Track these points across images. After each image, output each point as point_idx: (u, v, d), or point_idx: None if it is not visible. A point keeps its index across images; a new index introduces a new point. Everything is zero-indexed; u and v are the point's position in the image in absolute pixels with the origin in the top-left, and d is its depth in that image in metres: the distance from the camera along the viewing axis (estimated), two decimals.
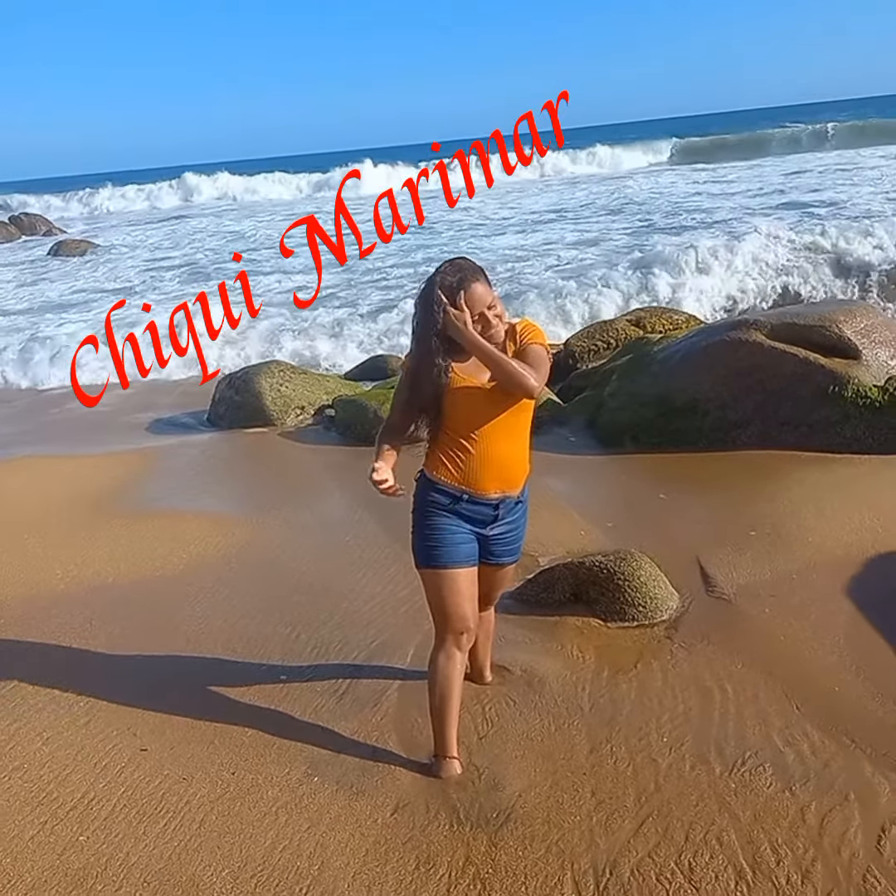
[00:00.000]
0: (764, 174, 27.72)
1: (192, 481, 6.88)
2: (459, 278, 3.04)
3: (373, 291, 13.95)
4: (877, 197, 18.88)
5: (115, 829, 2.92)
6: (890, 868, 2.61)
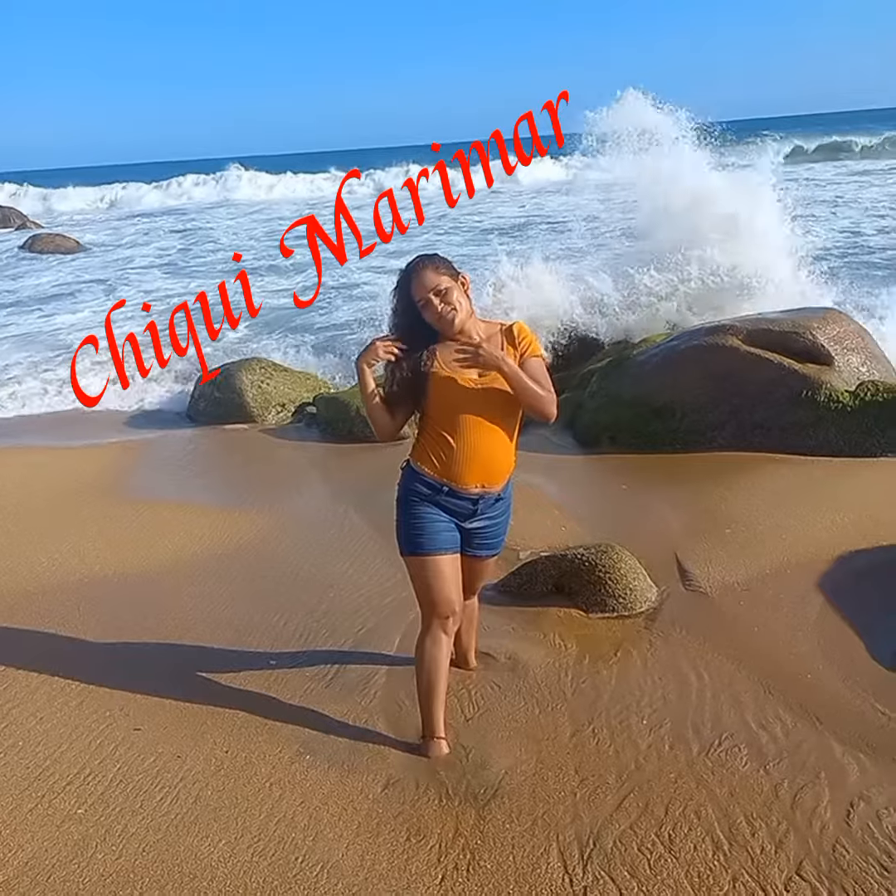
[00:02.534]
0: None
1: (175, 474, 6.93)
2: (414, 265, 3.19)
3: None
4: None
5: (112, 802, 2.98)
6: (857, 839, 2.74)
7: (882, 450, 6.01)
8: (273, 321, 12.50)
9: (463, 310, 3.17)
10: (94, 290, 17.02)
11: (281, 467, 7.05)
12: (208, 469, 7.24)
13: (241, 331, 11.55)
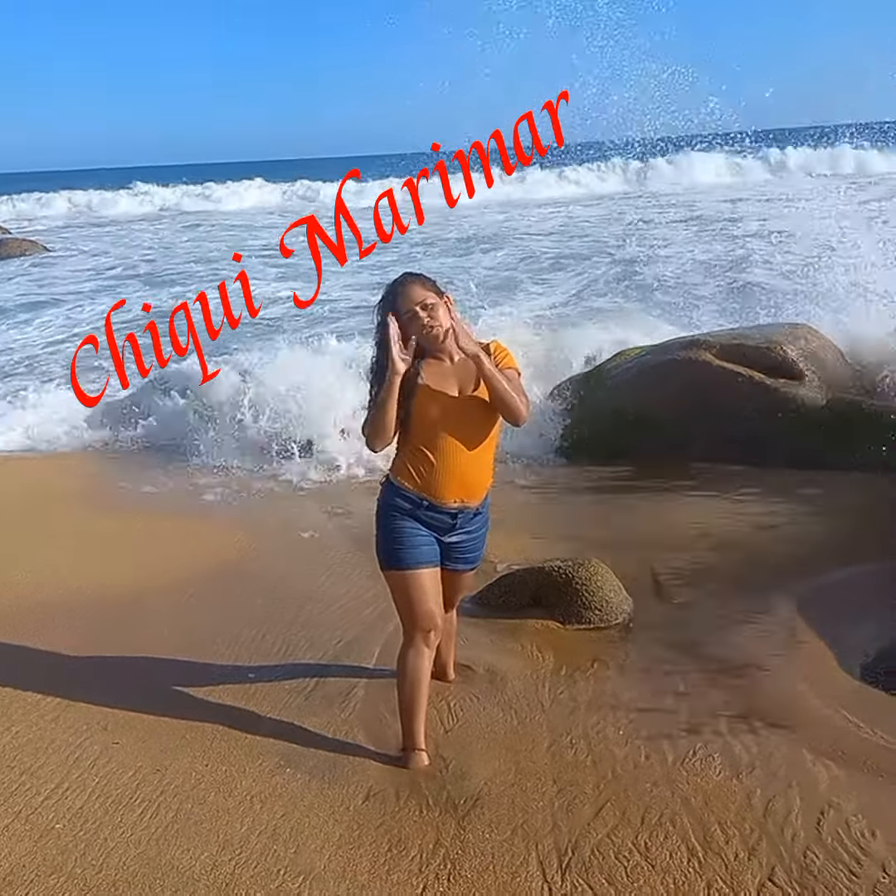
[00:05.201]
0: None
1: (149, 485, 6.89)
2: (401, 280, 3.25)
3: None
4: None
5: (91, 817, 2.98)
6: (827, 846, 2.80)
7: (852, 464, 6.13)
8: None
9: (446, 327, 3.23)
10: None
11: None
12: (183, 481, 7.20)
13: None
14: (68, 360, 11.14)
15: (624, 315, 11.31)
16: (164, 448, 7.89)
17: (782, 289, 12.12)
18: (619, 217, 25.81)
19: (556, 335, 9.23)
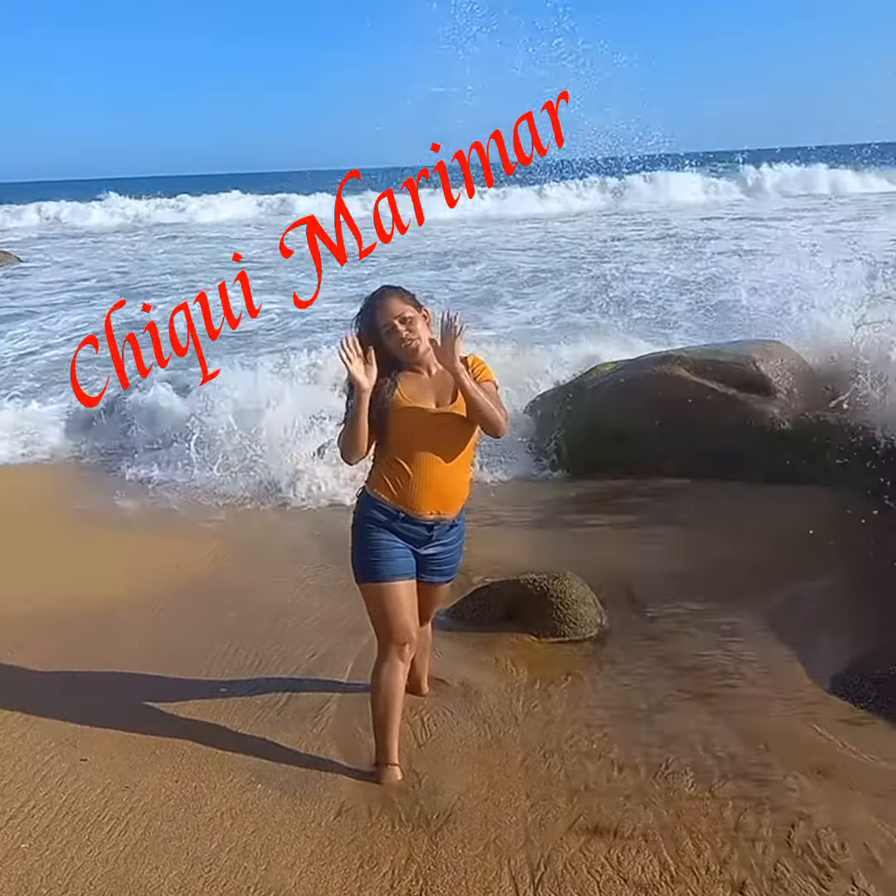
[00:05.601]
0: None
1: (121, 496, 6.82)
2: (380, 293, 3.27)
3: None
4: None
5: (58, 836, 2.93)
6: (797, 858, 2.82)
7: (821, 478, 6.18)
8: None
9: (425, 340, 3.25)
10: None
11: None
12: (152, 495, 7.13)
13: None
14: (38, 373, 11.05)
15: (600, 330, 11.41)
16: (132, 462, 7.79)
17: (754, 306, 12.28)
18: (595, 234, 26.04)
19: (533, 350, 9.30)
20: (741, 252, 19.47)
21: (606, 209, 35.07)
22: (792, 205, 32.83)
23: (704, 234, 23.82)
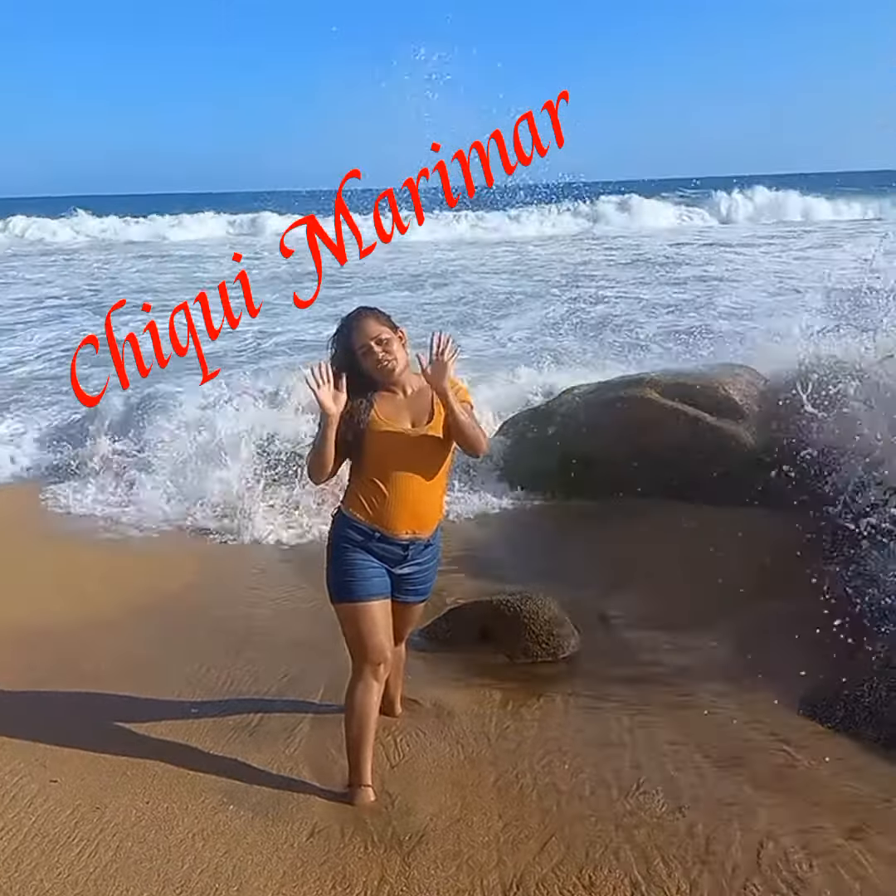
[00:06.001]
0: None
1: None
2: (356, 314, 3.31)
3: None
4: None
5: (27, 858, 2.90)
6: (767, 877, 2.86)
7: (792, 500, 6.27)
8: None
9: (401, 361, 3.28)
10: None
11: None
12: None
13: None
14: (6, 389, 10.94)
15: (571, 353, 11.54)
16: (98, 486, 7.70)
17: (723, 330, 12.49)
18: (567, 258, 26.34)
19: (504, 373, 9.39)
20: (709, 278, 19.85)
21: (579, 234, 35.49)
22: (762, 231, 33.46)
23: (674, 260, 24.23)
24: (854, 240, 27.04)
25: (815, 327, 7.26)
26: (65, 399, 9.94)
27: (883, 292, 6.93)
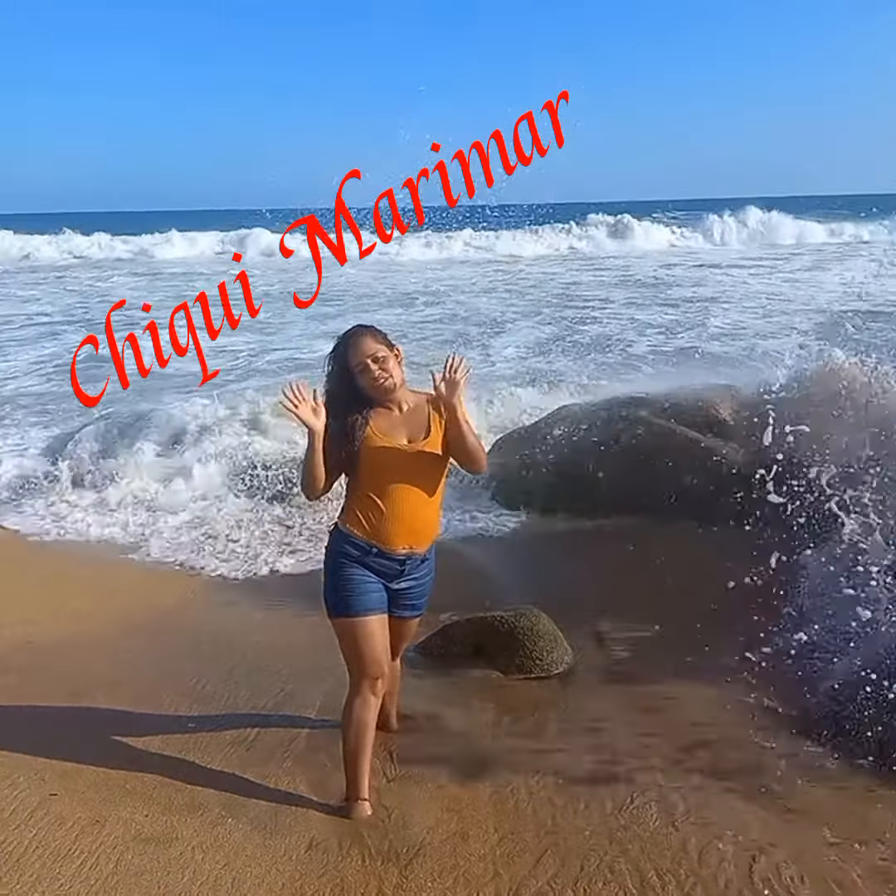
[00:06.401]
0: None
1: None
2: (353, 332, 3.37)
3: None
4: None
5: (29, 870, 2.92)
6: (759, 890, 2.90)
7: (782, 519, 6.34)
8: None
9: (397, 378, 3.34)
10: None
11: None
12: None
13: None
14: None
15: (563, 373, 11.65)
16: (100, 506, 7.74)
17: (714, 351, 12.65)
18: (559, 278, 26.56)
19: (496, 392, 9.48)
20: (700, 299, 20.05)
21: (569, 254, 35.80)
22: (752, 254, 33.82)
23: (665, 281, 24.48)
24: (842, 263, 27.44)
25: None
26: (50, 414, 10.01)
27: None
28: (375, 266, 32.70)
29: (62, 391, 11.50)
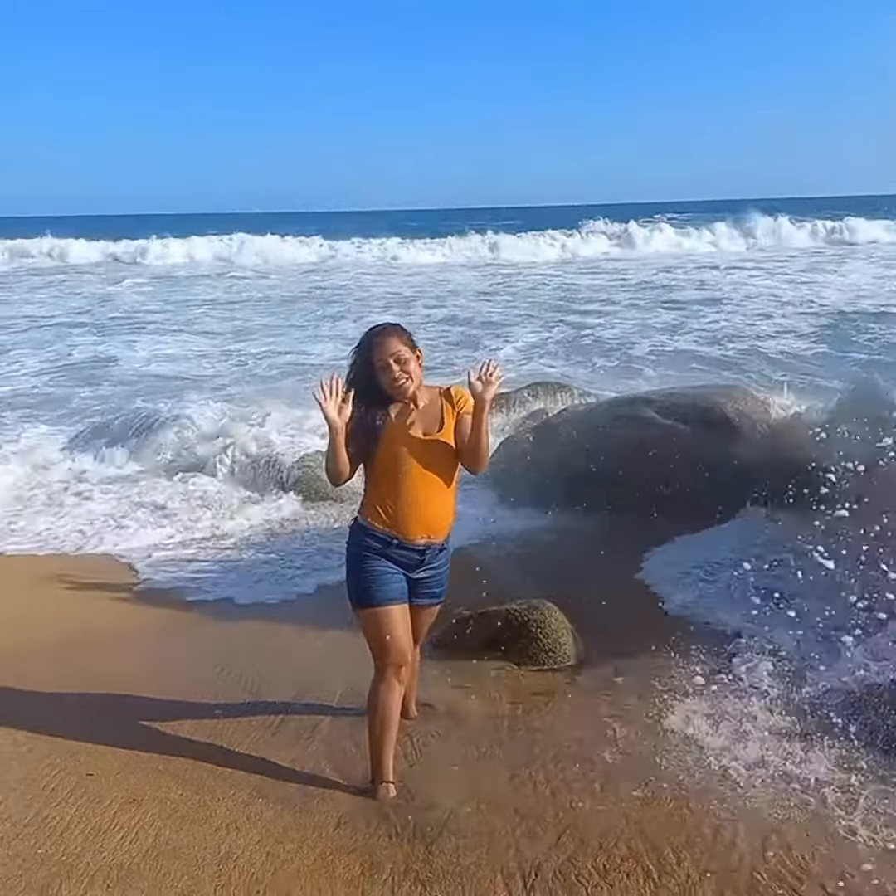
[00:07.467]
0: None
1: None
2: (381, 329, 3.48)
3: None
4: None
5: (73, 843, 3.05)
6: (772, 867, 3.02)
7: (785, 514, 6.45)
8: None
9: (416, 379, 3.47)
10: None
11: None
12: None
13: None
14: None
15: (568, 374, 11.79)
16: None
17: (716, 351, 12.79)
18: (561, 280, 26.72)
19: (502, 393, 9.60)
20: (704, 300, 20.21)
21: (571, 259, 35.96)
22: (755, 256, 34.01)
23: (668, 284, 24.64)
24: (844, 264, 27.62)
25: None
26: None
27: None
28: (373, 269, 32.93)
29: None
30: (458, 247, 38.74)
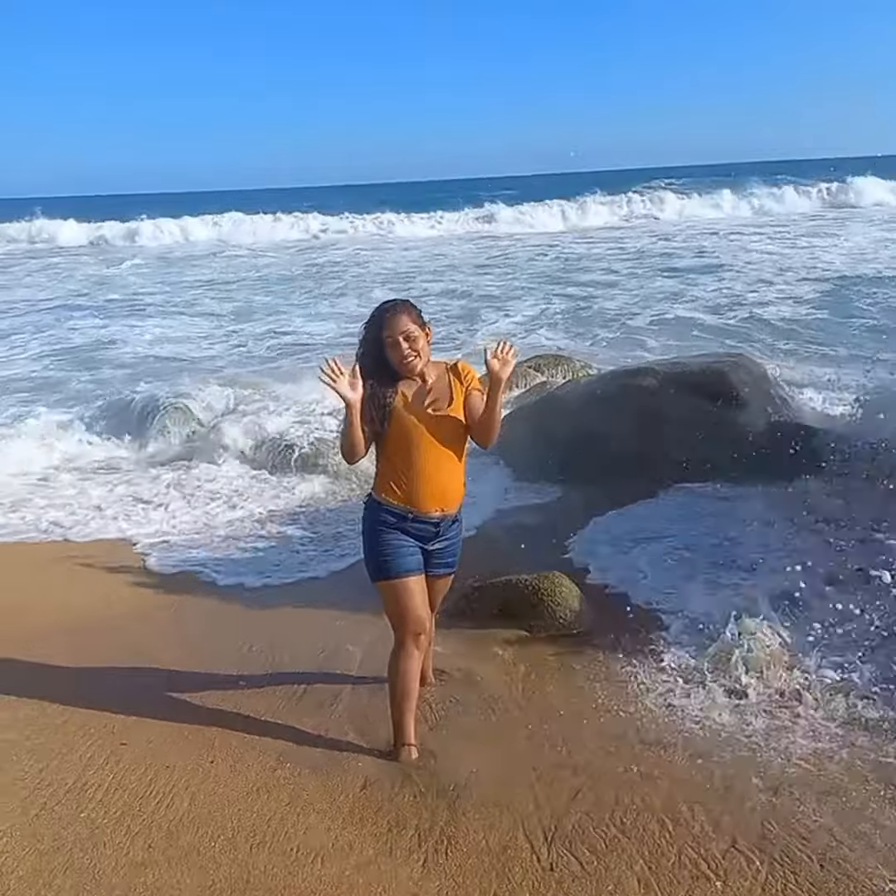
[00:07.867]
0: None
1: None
2: (391, 305, 3.56)
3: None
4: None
5: (113, 807, 3.20)
6: (783, 817, 3.15)
7: (788, 484, 6.56)
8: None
9: (424, 357, 3.55)
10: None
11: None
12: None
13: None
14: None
15: (569, 346, 11.85)
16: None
17: (714, 322, 12.84)
18: (558, 252, 26.65)
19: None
20: (704, 267, 20.19)
21: (569, 229, 35.81)
22: (757, 220, 33.87)
23: (665, 251, 24.58)
24: (845, 228, 27.52)
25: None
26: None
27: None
28: (369, 243, 32.84)
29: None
30: (453, 218, 38.56)
